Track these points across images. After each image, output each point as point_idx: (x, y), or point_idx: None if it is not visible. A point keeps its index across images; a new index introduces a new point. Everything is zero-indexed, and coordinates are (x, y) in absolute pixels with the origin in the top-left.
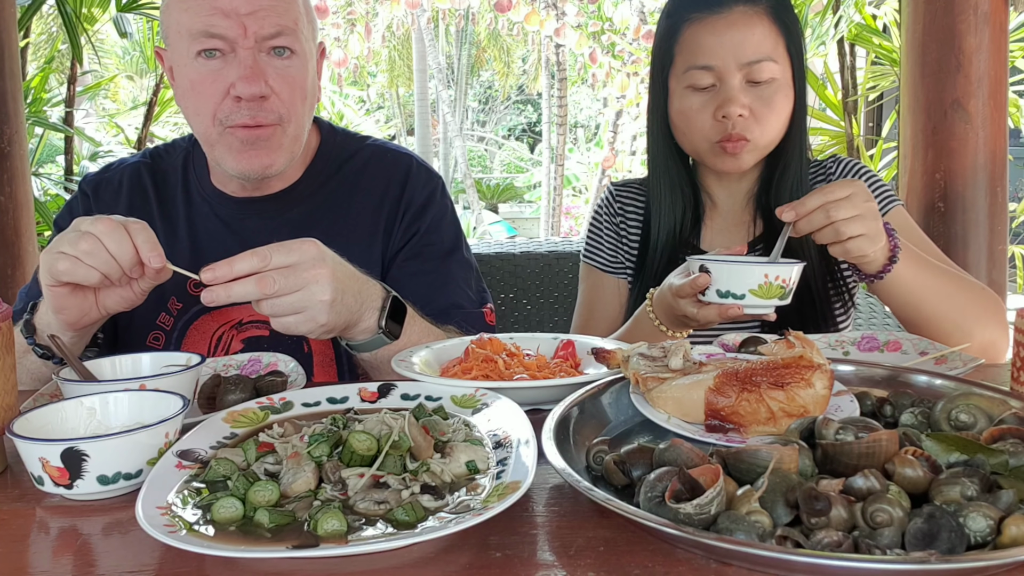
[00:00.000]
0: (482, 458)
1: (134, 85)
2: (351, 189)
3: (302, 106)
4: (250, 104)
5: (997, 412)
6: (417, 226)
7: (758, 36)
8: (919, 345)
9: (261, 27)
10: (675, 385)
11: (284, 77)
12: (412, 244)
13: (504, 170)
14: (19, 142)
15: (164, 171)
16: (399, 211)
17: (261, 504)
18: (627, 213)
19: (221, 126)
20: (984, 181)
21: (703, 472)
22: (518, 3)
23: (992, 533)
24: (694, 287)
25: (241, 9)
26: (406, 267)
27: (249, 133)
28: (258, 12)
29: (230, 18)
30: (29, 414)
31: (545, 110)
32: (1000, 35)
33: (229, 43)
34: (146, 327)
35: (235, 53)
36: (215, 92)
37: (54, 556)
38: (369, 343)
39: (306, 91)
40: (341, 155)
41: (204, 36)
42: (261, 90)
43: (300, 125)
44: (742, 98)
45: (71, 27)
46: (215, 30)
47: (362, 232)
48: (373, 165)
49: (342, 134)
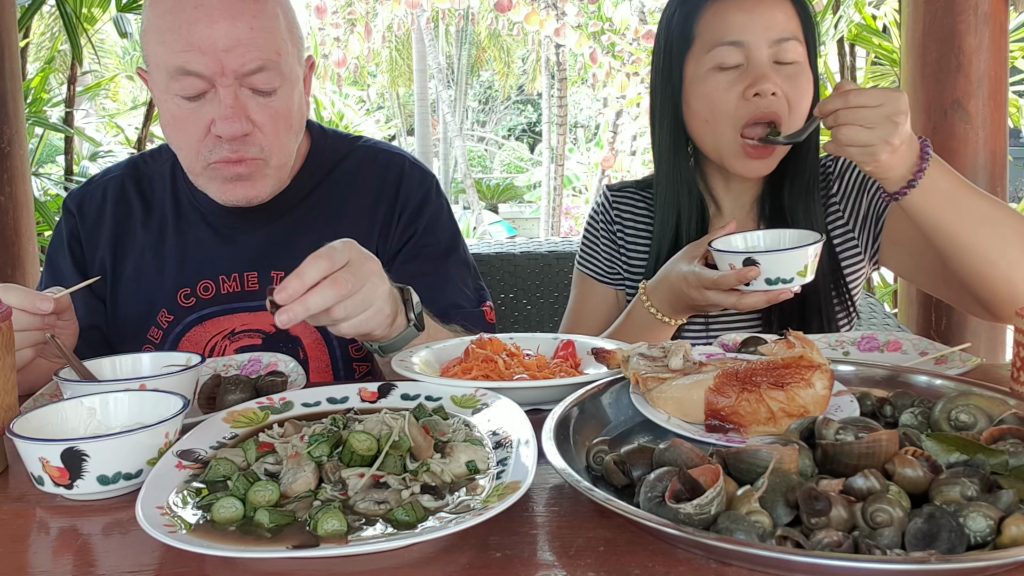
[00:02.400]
0: (482, 458)
1: (134, 85)
2: (344, 191)
3: (287, 136)
4: (231, 142)
5: (997, 412)
6: (414, 227)
7: (785, 15)
8: (919, 345)
9: (241, 64)
10: (675, 385)
11: (267, 111)
12: (410, 246)
13: (504, 170)
14: (19, 142)
15: (150, 177)
16: (395, 212)
17: (261, 504)
18: (624, 219)
19: (204, 161)
20: (984, 181)
21: (703, 472)
22: (518, 3)
23: (992, 533)
24: (743, 279)
25: (219, 44)
26: (405, 269)
27: (232, 169)
28: (236, 48)
29: (207, 55)
30: (29, 414)
31: (545, 110)
32: (1000, 35)
33: (207, 80)
34: (138, 340)
35: (215, 90)
36: (196, 130)
37: (54, 556)
38: (402, 339)
39: (291, 120)
40: (333, 157)
41: (181, 74)
42: (243, 128)
43: (286, 154)
44: (774, 76)
45: (71, 27)
46: (191, 67)
47: (358, 234)
48: (366, 166)
49: (333, 136)
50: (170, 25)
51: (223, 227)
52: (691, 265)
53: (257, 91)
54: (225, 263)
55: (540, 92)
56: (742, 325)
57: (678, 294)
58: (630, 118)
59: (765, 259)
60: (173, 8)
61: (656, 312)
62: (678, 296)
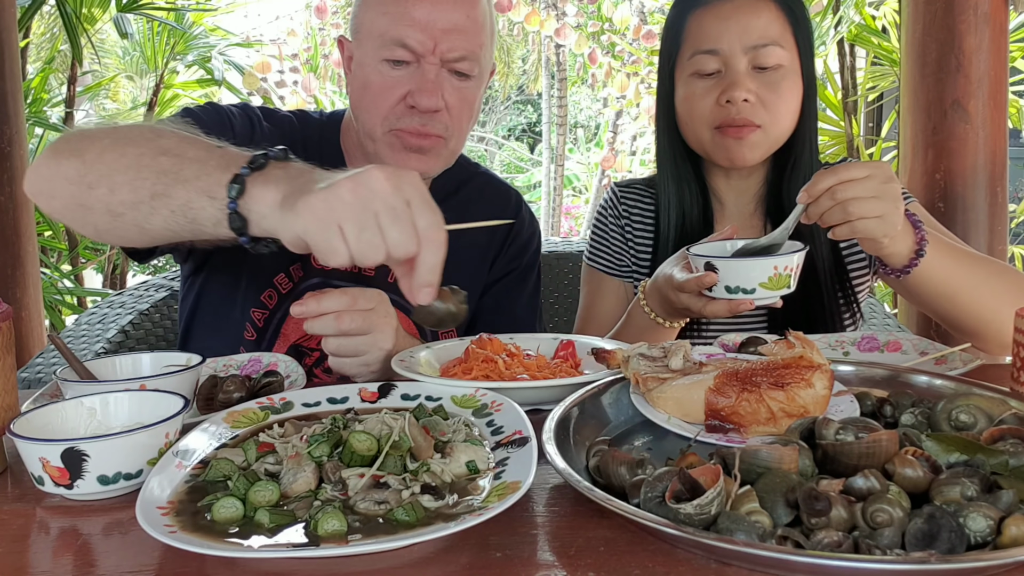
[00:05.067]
0: (482, 458)
1: (134, 85)
2: (466, 210)
3: (467, 124)
4: (423, 114)
5: (997, 412)
6: (517, 263)
7: (764, 20)
8: (919, 345)
9: (450, 49)
10: (675, 385)
11: (459, 95)
12: (508, 279)
13: (504, 170)
14: (19, 142)
15: (314, 137)
16: (506, 243)
17: (261, 504)
18: (632, 215)
19: (389, 125)
20: (984, 181)
21: (703, 472)
22: (518, 3)
23: (992, 533)
24: (700, 285)
25: (438, 24)
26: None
27: (416, 140)
28: (451, 32)
29: (425, 32)
30: (29, 414)
31: (545, 110)
32: (1000, 35)
33: (416, 55)
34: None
35: (419, 65)
36: (391, 97)
37: (54, 556)
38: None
39: (474, 110)
40: (459, 176)
41: (395, 45)
42: (437, 104)
43: (461, 140)
44: (748, 83)
45: (71, 27)
46: (408, 42)
47: (475, 252)
48: (489, 193)
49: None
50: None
51: None
52: (673, 267)
53: (455, 72)
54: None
55: (540, 92)
56: (744, 322)
57: (663, 295)
58: (630, 118)
59: (723, 266)
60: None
61: (650, 313)
62: (664, 297)
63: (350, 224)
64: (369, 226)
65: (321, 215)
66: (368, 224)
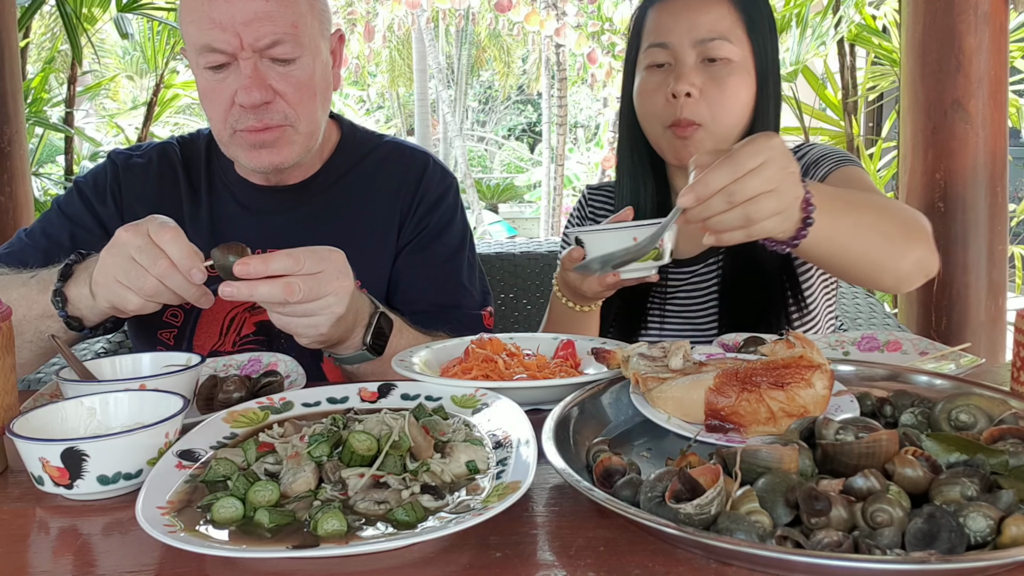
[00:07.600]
0: (482, 458)
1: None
2: (368, 183)
3: (312, 103)
4: (255, 110)
5: (997, 412)
6: (427, 221)
7: (714, 16)
8: (919, 345)
9: (257, 39)
10: (675, 385)
11: (288, 80)
12: (420, 238)
13: (504, 170)
14: (19, 142)
15: (189, 156)
16: (412, 205)
17: (261, 504)
18: (598, 216)
19: (231, 129)
20: (984, 181)
21: (703, 472)
22: (518, 3)
23: (992, 533)
24: (571, 260)
25: (237, 18)
26: (410, 260)
27: (257, 137)
28: (253, 22)
29: (227, 31)
30: (29, 414)
31: (545, 110)
32: (1000, 35)
33: (229, 55)
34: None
35: (237, 63)
36: (223, 100)
37: (54, 556)
38: (352, 358)
39: (314, 88)
40: (360, 150)
41: (206, 51)
42: (263, 97)
43: (313, 121)
44: (692, 76)
45: (71, 27)
46: (215, 44)
47: (378, 224)
48: (391, 161)
49: (362, 131)
50: (195, 4)
51: (252, 206)
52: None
53: (276, 60)
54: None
55: (540, 92)
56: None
57: (564, 279)
58: None
59: (587, 239)
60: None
61: (562, 298)
62: (565, 281)
63: (119, 273)
64: (131, 267)
65: (103, 281)
66: (129, 267)
